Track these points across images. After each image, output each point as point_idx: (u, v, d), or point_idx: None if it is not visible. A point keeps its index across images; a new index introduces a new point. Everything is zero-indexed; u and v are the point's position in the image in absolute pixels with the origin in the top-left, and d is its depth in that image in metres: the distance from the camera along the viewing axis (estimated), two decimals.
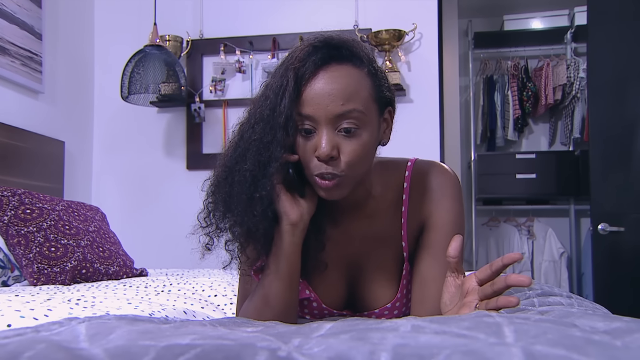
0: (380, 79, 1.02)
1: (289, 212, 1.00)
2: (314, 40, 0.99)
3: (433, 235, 1.08)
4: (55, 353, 0.44)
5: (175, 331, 0.55)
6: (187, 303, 1.28)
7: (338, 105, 0.93)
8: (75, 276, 1.82)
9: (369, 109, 0.97)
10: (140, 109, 3.37)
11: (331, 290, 1.15)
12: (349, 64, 0.97)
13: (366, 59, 0.99)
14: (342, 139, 0.96)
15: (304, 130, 0.97)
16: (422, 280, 1.09)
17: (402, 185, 1.11)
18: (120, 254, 2.01)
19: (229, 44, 3.33)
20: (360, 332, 0.48)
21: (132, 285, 1.53)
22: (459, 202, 1.09)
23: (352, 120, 0.95)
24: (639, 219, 2.99)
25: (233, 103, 3.34)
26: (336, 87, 0.94)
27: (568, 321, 0.59)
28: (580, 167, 4.14)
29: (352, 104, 0.94)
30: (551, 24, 4.66)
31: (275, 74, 1.01)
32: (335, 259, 1.13)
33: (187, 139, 3.38)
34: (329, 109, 0.93)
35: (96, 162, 3.50)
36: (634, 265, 2.90)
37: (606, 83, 3.23)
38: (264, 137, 0.97)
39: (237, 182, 0.99)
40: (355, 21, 3.29)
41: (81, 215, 2.00)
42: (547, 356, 0.39)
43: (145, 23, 3.35)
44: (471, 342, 0.42)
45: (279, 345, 0.46)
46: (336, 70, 0.95)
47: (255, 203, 0.98)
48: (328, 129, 0.95)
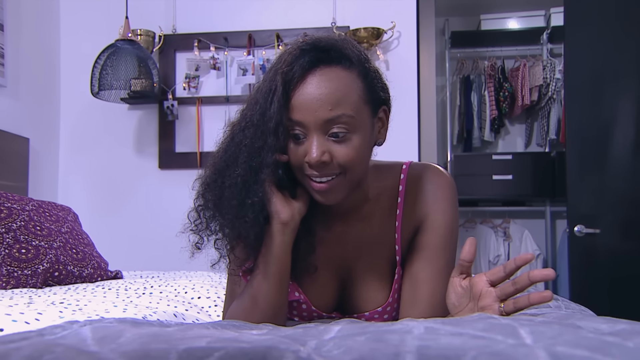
0: (373, 79, 1.02)
1: (280, 211, 1.01)
2: (302, 42, 1.00)
3: (427, 237, 1.10)
4: (76, 356, 0.44)
5: (184, 334, 0.55)
6: (170, 306, 1.28)
7: (326, 110, 0.94)
8: (47, 279, 1.79)
9: (359, 112, 0.97)
10: (110, 106, 3.33)
11: (321, 293, 1.16)
12: (338, 66, 0.97)
13: (356, 59, 1.00)
14: (332, 144, 0.97)
15: (294, 135, 0.98)
16: (414, 281, 1.10)
17: (397, 188, 1.13)
18: (95, 255, 1.99)
19: (203, 40, 3.32)
20: (375, 334, 0.50)
21: (112, 287, 1.52)
22: (454, 204, 1.11)
23: (341, 125, 0.95)
24: (615, 220, 3.07)
25: (207, 101, 3.33)
26: (324, 91, 0.94)
27: (570, 323, 0.61)
28: (556, 169, 4.24)
29: (341, 109, 0.94)
30: (528, 24, 4.75)
31: (265, 77, 1.02)
32: (326, 261, 1.14)
33: (159, 137, 3.36)
34: (317, 114, 0.94)
35: (63, 160, 3.45)
36: (610, 267, 2.98)
37: (583, 84, 3.31)
38: (254, 142, 0.98)
39: (228, 186, 1.00)
40: (332, 18, 3.31)
41: (52, 216, 1.98)
42: (571, 357, 0.41)
43: (114, 16, 3.31)
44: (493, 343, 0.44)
45: (298, 348, 0.47)
46: (324, 74, 0.96)
47: (246, 209, 0.99)
48: (318, 134, 0.96)
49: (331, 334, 0.56)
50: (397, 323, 0.60)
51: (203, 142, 3.33)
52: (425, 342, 0.45)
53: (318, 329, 0.61)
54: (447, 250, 1.11)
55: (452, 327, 0.51)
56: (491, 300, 0.89)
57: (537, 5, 4.71)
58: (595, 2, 3.32)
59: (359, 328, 0.59)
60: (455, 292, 0.97)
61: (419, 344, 0.44)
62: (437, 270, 1.08)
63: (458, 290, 0.96)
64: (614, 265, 2.99)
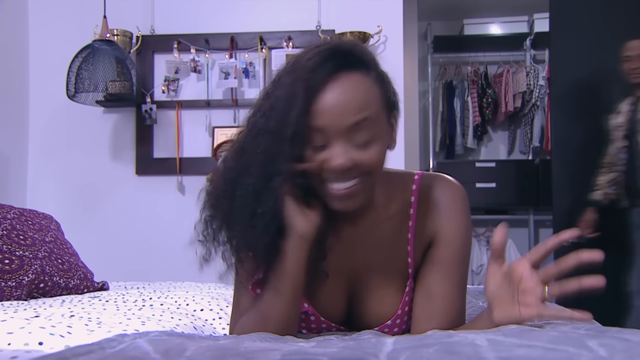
0: (386, 84, 1.05)
1: (299, 224, 1.02)
2: (321, 48, 1.01)
3: (442, 251, 1.12)
4: None
5: (244, 348, 0.57)
6: (174, 319, 1.29)
7: (350, 115, 0.96)
8: (32, 291, 1.78)
9: (379, 116, 1.00)
10: (83, 109, 3.30)
11: (330, 303, 1.18)
12: (358, 71, 0.99)
13: (373, 64, 1.03)
14: (355, 150, 0.98)
15: (316, 144, 0.99)
16: (429, 295, 1.13)
17: (410, 199, 1.15)
18: (80, 266, 1.98)
19: (183, 42, 3.32)
20: (443, 346, 0.53)
21: (109, 300, 1.52)
22: (467, 216, 1.14)
23: (365, 130, 0.98)
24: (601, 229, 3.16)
25: (187, 104, 3.33)
26: (347, 97, 0.97)
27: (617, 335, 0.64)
28: (539, 177, 4.33)
29: (364, 114, 0.97)
30: (511, 30, 4.86)
31: (280, 82, 1.02)
32: (335, 270, 1.15)
33: (136, 142, 3.34)
34: (341, 120, 0.96)
35: (32, 166, 3.41)
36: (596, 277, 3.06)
37: (568, 91, 3.40)
38: (269, 149, 0.98)
39: (240, 196, 1.01)
40: (317, 21, 3.34)
41: (36, 225, 1.96)
42: None
43: (88, 16, 3.30)
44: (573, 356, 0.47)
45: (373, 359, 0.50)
46: (347, 80, 0.98)
47: (257, 218, 1.00)
48: (342, 141, 0.97)
49: (389, 347, 0.58)
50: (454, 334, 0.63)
51: (183, 147, 3.33)
52: (502, 353, 0.48)
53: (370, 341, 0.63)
54: (463, 265, 1.13)
55: (516, 339, 0.54)
56: (533, 283, 0.90)
57: (520, 11, 4.83)
58: (581, 8, 3.41)
59: (412, 340, 0.61)
60: (495, 280, 0.97)
61: (496, 355, 0.47)
62: (453, 284, 1.11)
63: (497, 278, 0.97)
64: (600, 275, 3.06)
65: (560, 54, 3.38)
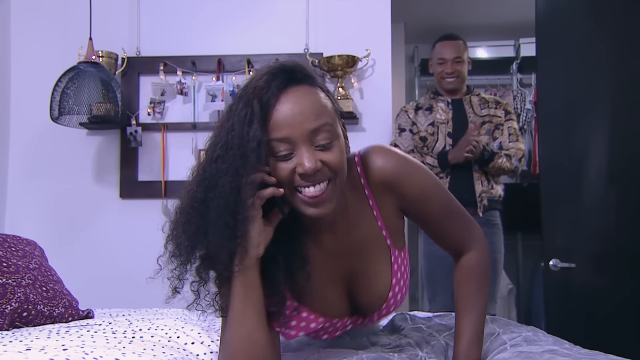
0: (331, 95, 1.16)
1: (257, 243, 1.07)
2: (268, 68, 1.11)
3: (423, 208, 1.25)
4: None
5: None
6: (166, 354, 1.29)
7: (311, 121, 1.05)
8: (14, 320, 1.75)
9: (335, 121, 1.11)
10: (66, 131, 3.29)
11: (333, 304, 1.26)
12: (305, 84, 1.10)
13: (316, 78, 1.14)
14: (320, 153, 1.07)
15: (280, 155, 1.06)
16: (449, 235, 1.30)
17: (360, 181, 1.23)
18: (65, 293, 1.96)
19: (169, 64, 3.34)
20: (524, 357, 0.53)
21: (97, 330, 1.50)
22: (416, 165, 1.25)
23: (325, 133, 1.07)
24: (590, 254, 3.18)
25: (173, 127, 3.33)
26: (304, 105, 1.06)
27: None
28: (528, 201, 4.37)
29: (323, 118, 1.07)
30: (497, 54, 4.95)
31: (235, 107, 1.09)
32: (328, 277, 1.24)
33: (120, 164, 3.34)
34: (303, 126, 1.05)
35: (12, 188, 3.38)
36: (585, 302, 3.08)
37: (556, 115, 3.44)
38: (234, 164, 1.04)
39: (212, 208, 1.04)
40: (305, 45, 3.38)
41: (19, 251, 1.94)
42: None
43: (72, 37, 3.30)
44: None
45: None
46: (297, 91, 1.07)
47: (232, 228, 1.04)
48: (306, 145, 1.05)
49: None
50: None
51: (168, 170, 3.33)
52: None
53: None
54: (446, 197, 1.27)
55: None
56: None
57: (507, 35, 4.92)
58: (567, 32, 3.47)
59: None
60: None
61: None
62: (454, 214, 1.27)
63: None
64: (590, 300, 3.08)
65: (547, 78, 3.42)
